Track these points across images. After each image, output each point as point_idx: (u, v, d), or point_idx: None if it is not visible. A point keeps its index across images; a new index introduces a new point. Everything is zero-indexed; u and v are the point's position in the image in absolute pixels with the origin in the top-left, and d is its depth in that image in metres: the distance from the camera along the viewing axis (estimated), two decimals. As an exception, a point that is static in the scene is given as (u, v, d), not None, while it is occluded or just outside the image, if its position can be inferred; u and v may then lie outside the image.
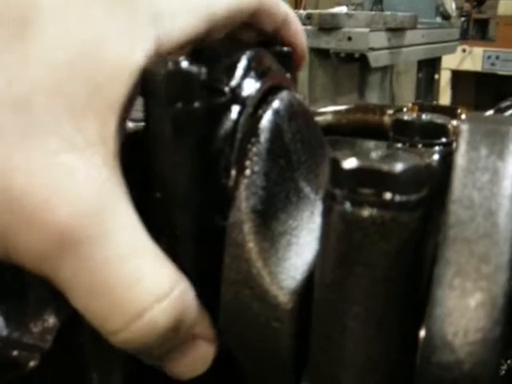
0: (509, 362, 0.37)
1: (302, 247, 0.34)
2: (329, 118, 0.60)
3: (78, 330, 0.38)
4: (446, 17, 3.13)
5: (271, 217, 0.34)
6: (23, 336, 0.38)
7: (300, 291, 0.33)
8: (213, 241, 0.34)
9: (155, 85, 0.31)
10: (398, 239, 0.28)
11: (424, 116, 0.46)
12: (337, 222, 0.28)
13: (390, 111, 0.57)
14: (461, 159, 0.30)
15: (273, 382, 0.35)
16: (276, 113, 0.36)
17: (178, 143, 0.32)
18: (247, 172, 0.34)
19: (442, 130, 0.43)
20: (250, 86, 0.35)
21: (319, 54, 2.37)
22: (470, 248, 0.27)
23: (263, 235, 0.33)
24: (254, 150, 0.34)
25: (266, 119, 0.35)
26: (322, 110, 0.62)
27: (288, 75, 0.41)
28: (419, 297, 0.29)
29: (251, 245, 0.33)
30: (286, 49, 0.42)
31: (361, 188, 0.28)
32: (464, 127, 0.33)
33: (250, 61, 0.35)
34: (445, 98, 4.83)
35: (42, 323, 0.38)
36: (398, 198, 0.27)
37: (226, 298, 0.34)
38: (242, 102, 0.34)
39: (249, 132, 0.34)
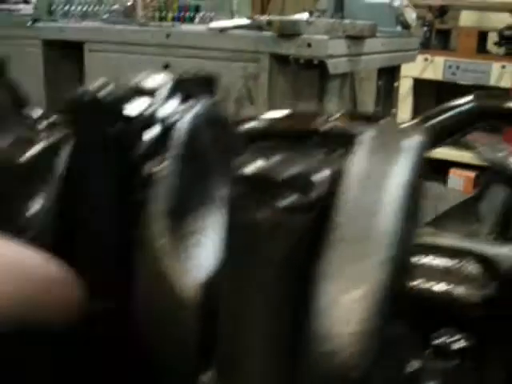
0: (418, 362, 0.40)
1: (209, 246, 0.37)
2: (264, 123, 0.62)
3: None
4: (406, 26, 3.18)
5: (182, 218, 0.36)
6: None
7: (207, 286, 0.35)
8: (131, 245, 0.36)
9: (75, 113, 0.34)
10: (290, 239, 0.30)
11: (339, 126, 0.49)
12: (234, 223, 0.31)
13: (322, 117, 0.60)
14: (352, 166, 0.32)
15: (182, 371, 0.37)
16: (193, 122, 0.38)
17: (96, 164, 0.35)
18: (160, 176, 0.36)
19: (353, 140, 0.46)
20: (171, 109, 0.38)
21: (279, 60, 2.40)
22: (351, 247, 0.29)
23: (173, 235, 0.36)
24: (169, 155, 0.36)
25: (183, 127, 0.37)
26: (258, 116, 0.64)
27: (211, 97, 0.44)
28: (310, 290, 0.31)
29: (162, 243, 0.35)
30: (208, 75, 0.45)
31: (254, 192, 0.30)
32: (361, 137, 0.35)
33: (171, 87, 0.38)
34: (406, 105, 4.91)
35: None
36: (287, 201, 0.30)
37: (140, 292, 0.36)
38: (162, 123, 0.37)
39: (165, 139, 0.37)
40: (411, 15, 3.20)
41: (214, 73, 0.48)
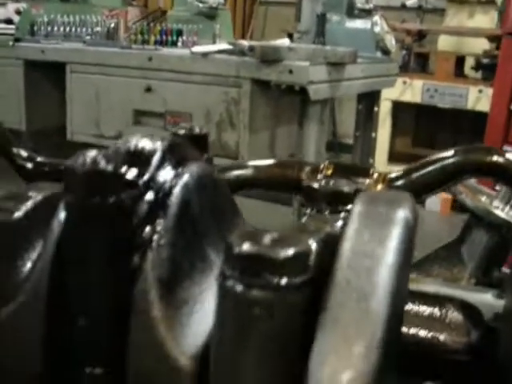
0: None
1: (204, 313, 0.37)
2: (249, 172, 0.63)
3: None
4: (386, 52, 3.23)
5: (176, 284, 0.37)
6: None
7: (201, 356, 0.35)
8: (125, 313, 0.37)
9: (74, 181, 0.35)
10: (284, 317, 0.31)
11: (331, 183, 0.49)
12: (228, 300, 0.31)
13: (308, 168, 0.61)
14: (346, 243, 0.33)
15: None
16: (185, 187, 0.39)
17: (94, 232, 0.36)
18: (154, 245, 0.36)
19: (346, 198, 0.47)
20: (165, 176, 0.38)
21: (260, 85, 2.42)
22: (343, 329, 0.30)
23: (167, 303, 0.36)
24: (162, 224, 0.37)
25: (175, 195, 0.38)
26: (243, 163, 0.65)
27: (204, 156, 0.45)
28: (302, 370, 0.32)
29: (156, 312, 0.36)
30: (199, 131, 0.46)
31: (249, 271, 0.31)
32: (355, 209, 0.36)
33: (164, 153, 0.39)
34: (385, 127, 4.96)
35: None
36: (283, 281, 0.31)
37: (133, 361, 0.36)
38: (156, 191, 0.37)
39: (158, 207, 0.37)
40: (391, 41, 3.25)
41: (205, 130, 0.49)
